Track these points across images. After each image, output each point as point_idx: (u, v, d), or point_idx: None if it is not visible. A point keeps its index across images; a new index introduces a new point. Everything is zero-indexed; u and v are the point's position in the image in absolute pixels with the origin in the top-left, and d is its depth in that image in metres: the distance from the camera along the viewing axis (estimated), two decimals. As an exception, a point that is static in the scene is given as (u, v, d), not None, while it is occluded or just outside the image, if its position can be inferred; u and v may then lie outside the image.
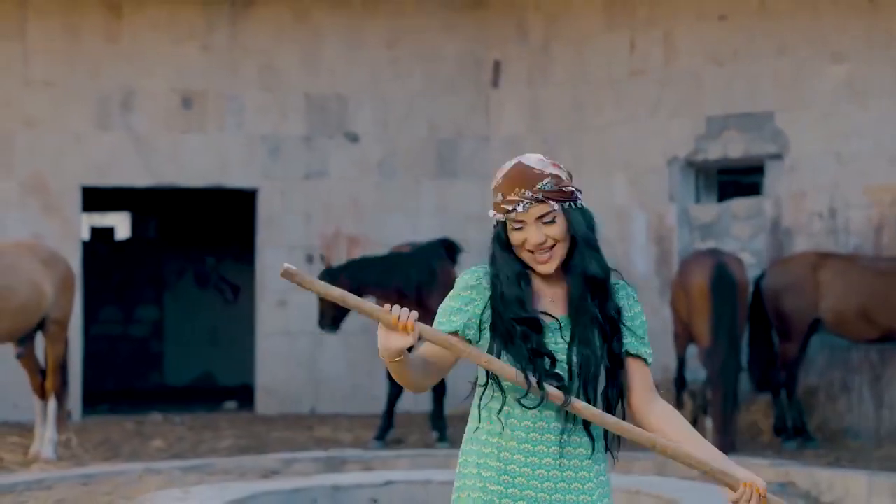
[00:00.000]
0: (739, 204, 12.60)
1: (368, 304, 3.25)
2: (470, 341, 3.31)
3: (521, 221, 3.29)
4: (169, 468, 8.70)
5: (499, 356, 3.26)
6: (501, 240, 3.33)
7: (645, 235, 12.94)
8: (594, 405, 3.27)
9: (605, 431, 3.34)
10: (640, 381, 3.36)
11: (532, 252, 3.30)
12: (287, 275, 3.17)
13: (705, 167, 12.93)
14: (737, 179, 13.49)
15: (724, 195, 13.21)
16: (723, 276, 10.49)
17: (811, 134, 11.94)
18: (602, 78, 13.29)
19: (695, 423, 11.58)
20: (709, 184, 13.12)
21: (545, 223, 3.28)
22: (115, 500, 7.48)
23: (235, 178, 13.69)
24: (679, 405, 11.40)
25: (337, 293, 3.22)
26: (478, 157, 13.99)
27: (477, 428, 3.36)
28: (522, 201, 3.28)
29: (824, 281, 10.87)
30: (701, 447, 3.31)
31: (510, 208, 3.29)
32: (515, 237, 3.31)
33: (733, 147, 12.44)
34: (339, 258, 13.62)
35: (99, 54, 13.40)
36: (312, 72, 13.81)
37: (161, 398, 15.86)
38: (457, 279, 3.40)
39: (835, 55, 11.80)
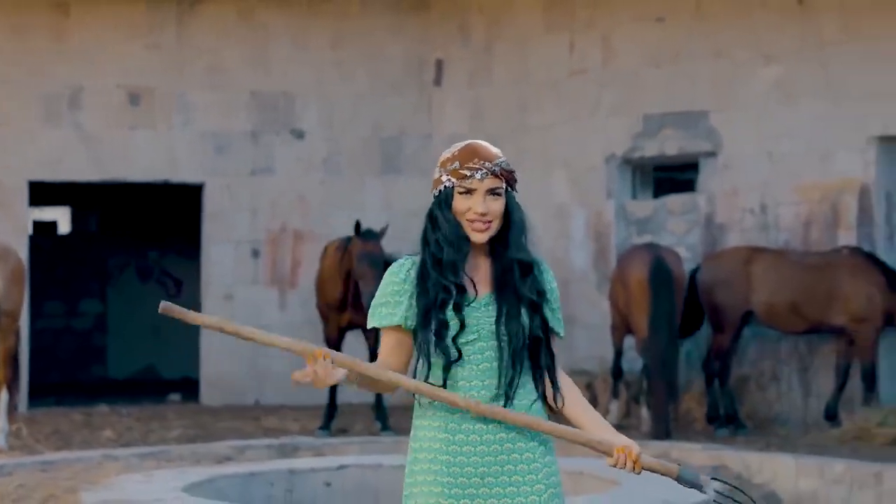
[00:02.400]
0: (675, 200, 12.93)
1: (275, 337, 3.44)
2: (415, 332, 3.51)
3: (472, 190, 3.48)
4: (126, 455, 8.92)
5: (419, 336, 3.49)
6: (448, 204, 3.50)
7: (584, 231, 13.24)
8: (519, 377, 3.49)
9: (542, 392, 3.56)
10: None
11: (471, 221, 3.49)
12: (166, 310, 3.39)
13: (642, 164, 13.26)
14: (672, 176, 13.82)
15: (659, 192, 13.54)
16: (661, 270, 10.84)
17: (744, 133, 12.31)
18: (542, 78, 13.60)
19: (628, 411, 11.98)
20: (645, 181, 13.44)
21: (491, 197, 3.50)
22: (77, 485, 7.69)
23: (182, 174, 13.90)
24: (615, 394, 11.78)
25: (215, 322, 3.39)
26: (421, 154, 14.28)
27: (421, 403, 3.56)
28: (482, 170, 3.48)
29: (756, 275, 11.27)
30: (589, 418, 3.53)
31: (469, 174, 3.47)
32: (461, 204, 3.49)
33: (669, 145, 12.77)
34: (284, 254, 13.92)
35: (47, 52, 13.56)
36: (259, 70, 14.06)
37: (105, 391, 15.97)
38: (386, 273, 3.60)
39: (767, 57, 12.18)
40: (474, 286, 3.52)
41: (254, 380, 13.94)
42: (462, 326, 3.48)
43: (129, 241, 19.26)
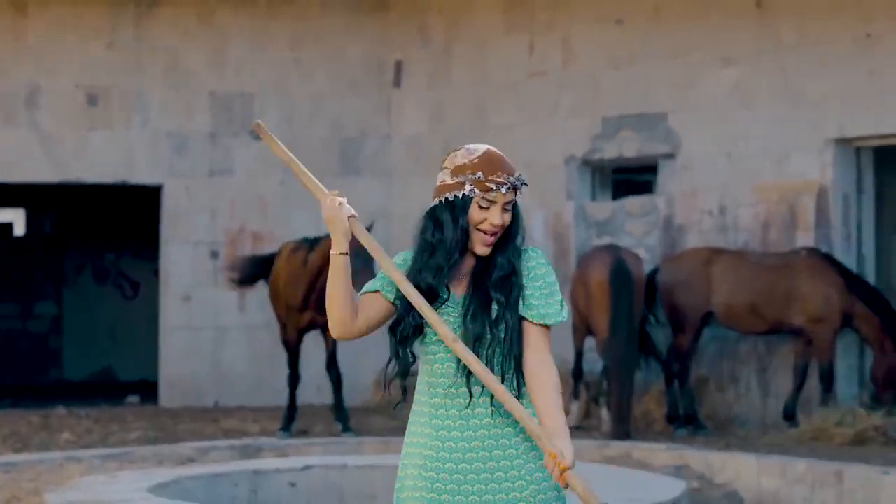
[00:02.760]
0: (633, 202, 13.00)
1: (314, 182, 3.60)
2: (394, 304, 3.56)
3: (492, 202, 3.51)
4: (89, 456, 8.87)
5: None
6: (466, 211, 3.53)
7: (543, 232, 13.28)
8: (493, 370, 3.49)
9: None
10: (527, 341, 3.55)
11: (482, 232, 3.53)
12: (257, 128, 3.70)
13: (601, 166, 13.33)
14: (631, 178, 13.90)
15: (618, 193, 13.62)
16: (621, 271, 10.90)
17: (702, 135, 12.39)
18: (502, 79, 13.65)
19: (588, 412, 12.03)
20: (604, 182, 13.51)
21: (505, 210, 3.53)
22: (41, 487, 7.66)
23: (141, 175, 13.84)
24: (575, 395, 11.82)
25: (288, 157, 3.62)
26: (380, 155, 14.30)
27: (417, 400, 3.62)
28: (506, 184, 3.51)
29: (715, 276, 11.35)
30: (547, 417, 3.45)
31: (495, 187, 3.50)
32: (478, 215, 3.52)
33: (628, 147, 12.85)
34: (243, 255, 13.88)
35: (4, 52, 13.48)
36: (218, 71, 14.02)
37: (61, 393, 15.86)
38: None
39: (725, 59, 12.27)
40: (454, 287, 3.57)
41: (213, 381, 13.90)
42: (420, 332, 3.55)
43: (86, 242, 19.15)
